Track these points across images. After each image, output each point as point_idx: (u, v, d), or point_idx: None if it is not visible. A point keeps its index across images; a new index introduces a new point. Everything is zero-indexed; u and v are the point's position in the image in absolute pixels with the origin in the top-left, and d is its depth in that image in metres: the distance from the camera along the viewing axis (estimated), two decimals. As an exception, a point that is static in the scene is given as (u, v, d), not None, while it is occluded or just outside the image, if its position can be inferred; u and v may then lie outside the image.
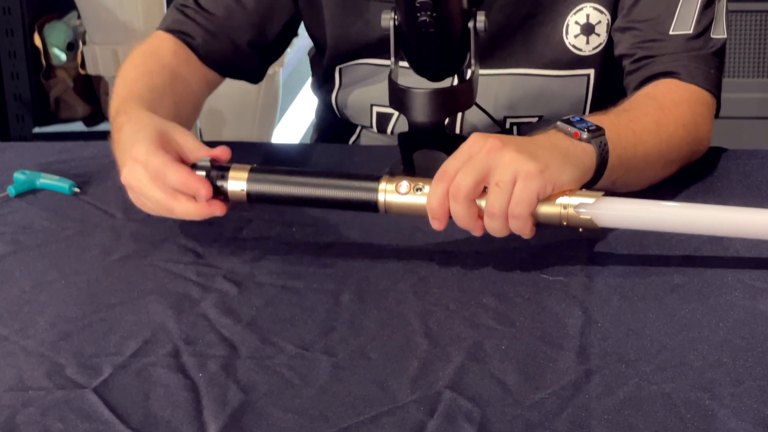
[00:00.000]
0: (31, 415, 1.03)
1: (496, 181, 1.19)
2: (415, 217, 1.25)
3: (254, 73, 1.65)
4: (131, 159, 1.26)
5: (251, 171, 1.27)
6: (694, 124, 1.43)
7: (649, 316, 1.16)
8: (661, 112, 1.40)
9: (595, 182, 1.28)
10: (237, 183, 1.26)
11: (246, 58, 1.59)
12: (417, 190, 1.24)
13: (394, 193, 1.24)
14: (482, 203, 1.21)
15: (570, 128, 1.27)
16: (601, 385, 1.06)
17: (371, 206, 1.25)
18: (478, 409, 1.03)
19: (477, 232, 1.22)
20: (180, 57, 1.55)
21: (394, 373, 1.08)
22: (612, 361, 1.09)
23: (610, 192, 1.25)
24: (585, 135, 1.26)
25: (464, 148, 1.22)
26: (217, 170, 1.27)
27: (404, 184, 1.24)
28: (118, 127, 1.36)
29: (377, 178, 1.25)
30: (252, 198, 1.27)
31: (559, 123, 1.28)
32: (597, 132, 1.27)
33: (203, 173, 1.26)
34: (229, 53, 1.58)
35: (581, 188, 1.24)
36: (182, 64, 1.54)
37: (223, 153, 1.27)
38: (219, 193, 1.26)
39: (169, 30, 1.57)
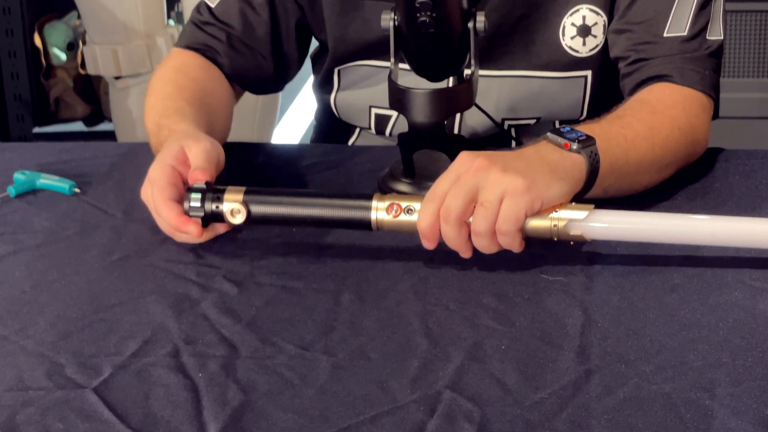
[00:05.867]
0: (31, 415, 1.04)
1: (482, 201, 1.20)
2: (408, 234, 1.26)
3: (275, 85, 1.66)
4: (147, 177, 1.31)
5: (246, 193, 1.27)
6: (689, 126, 1.43)
7: (649, 316, 1.16)
8: (655, 116, 1.40)
9: (585, 191, 1.28)
10: (232, 205, 1.27)
11: (268, 68, 1.60)
12: (408, 211, 1.24)
13: (386, 213, 1.24)
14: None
15: (560, 139, 1.27)
16: (601, 385, 1.06)
17: (364, 225, 1.25)
18: (478, 409, 1.03)
19: (466, 254, 1.23)
20: (206, 71, 1.56)
21: (394, 373, 1.08)
22: (612, 361, 1.09)
23: (601, 202, 1.25)
24: (575, 146, 1.26)
25: (452, 168, 1.23)
26: (212, 193, 1.27)
27: (395, 207, 1.24)
28: (162, 140, 1.37)
29: (369, 197, 1.25)
30: (248, 220, 1.27)
31: (549, 134, 1.28)
32: (587, 142, 1.27)
33: (198, 196, 1.26)
34: (251, 66, 1.58)
35: (572, 201, 1.25)
36: (210, 79, 1.55)
37: (198, 178, 1.28)
38: (215, 216, 1.27)
39: (190, 47, 1.58)
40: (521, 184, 1.20)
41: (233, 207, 1.27)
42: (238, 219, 1.27)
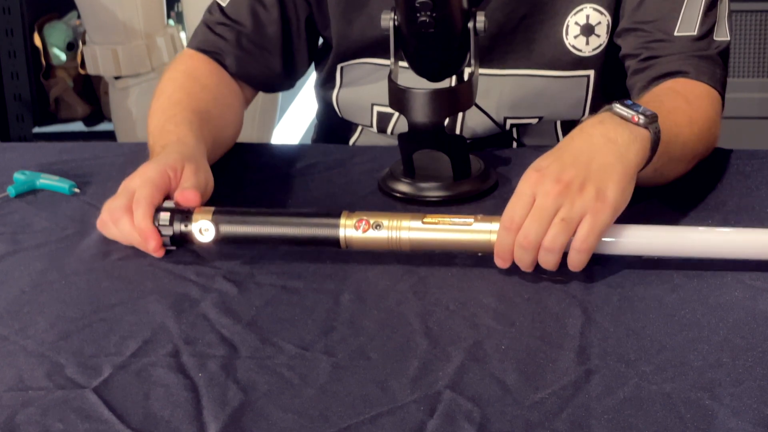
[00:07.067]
0: (31, 415, 1.03)
1: (562, 217, 1.19)
2: (376, 251, 1.26)
3: (285, 83, 1.66)
4: (142, 172, 1.31)
5: (215, 213, 1.27)
6: (714, 120, 1.44)
7: (649, 316, 1.16)
8: (690, 107, 1.41)
9: (641, 170, 1.27)
10: (201, 224, 1.27)
11: (276, 66, 1.60)
12: (377, 227, 1.24)
13: (354, 230, 1.24)
14: None
15: (628, 112, 1.26)
16: (601, 385, 1.06)
17: (333, 243, 1.26)
18: (478, 409, 1.03)
19: (530, 270, 1.22)
20: (217, 77, 1.56)
21: (394, 373, 1.08)
22: (612, 361, 1.09)
23: None
24: (642, 120, 1.25)
25: (525, 190, 1.21)
26: (181, 213, 1.27)
27: (364, 222, 1.24)
28: (164, 144, 1.38)
29: (338, 215, 1.25)
30: (216, 239, 1.27)
31: (615, 106, 1.27)
32: (653, 118, 1.26)
33: (167, 216, 1.27)
34: (259, 65, 1.58)
35: None
36: (220, 85, 1.55)
37: (189, 198, 1.29)
38: (183, 236, 1.27)
39: (200, 49, 1.58)
40: (601, 204, 1.20)
41: (201, 226, 1.27)
42: (207, 237, 1.27)
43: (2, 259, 1.31)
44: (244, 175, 1.51)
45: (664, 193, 1.39)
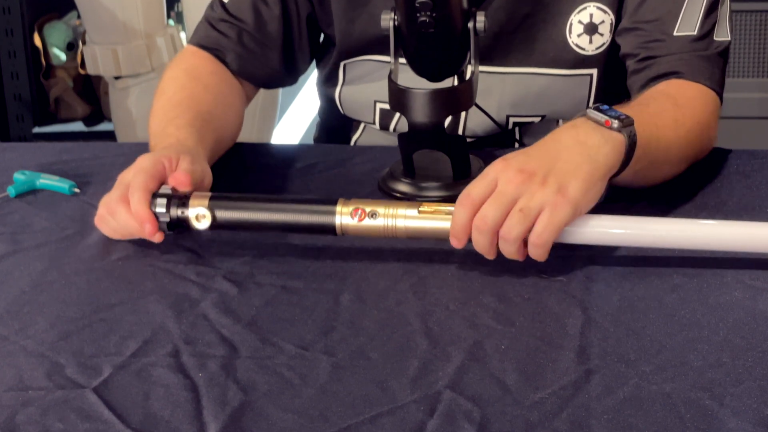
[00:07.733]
0: (31, 415, 1.04)
1: (521, 207, 1.19)
2: (373, 239, 1.26)
3: (287, 80, 1.66)
4: (136, 164, 1.31)
5: (211, 199, 1.27)
6: (706, 122, 1.44)
7: (649, 316, 1.16)
8: (678, 109, 1.40)
9: (618, 174, 1.28)
10: (198, 210, 1.27)
11: (277, 63, 1.60)
12: (372, 215, 1.24)
13: (350, 218, 1.25)
14: None
15: (601, 116, 1.26)
16: (601, 385, 1.06)
17: (329, 230, 1.26)
18: (478, 409, 1.03)
19: (491, 257, 1.23)
20: (218, 76, 1.56)
21: (394, 373, 1.08)
22: (612, 361, 1.09)
23: None
24: (616, 124, 1.26)
25: (489, 174, 1.22)
26: (178, 199, 1.27)
27: (360, 211, 1.24)
28: (164, 146, 1.38)
29: (334, 202, 1.25)
30: (213, 225, 1.27)
31: (589, 111, 1.27)
32: (627, 121, 1.26)
33: (164, 201, 1.27)
34: (260, 62, 1.58)
35: None
36: (221, 83, 1.55)
37: (180, 179, 1.29)
38: (180, 221, 1.27)
39: (202, 46, 1.58)
40: (561, 199, 1.20)
41: (198, 212, 1.27)
42: (204, 224, 1.27)
43: (2, 259, 1.31)
44: (244, 175, 1.51)
45: (663, 193, 1.39)
